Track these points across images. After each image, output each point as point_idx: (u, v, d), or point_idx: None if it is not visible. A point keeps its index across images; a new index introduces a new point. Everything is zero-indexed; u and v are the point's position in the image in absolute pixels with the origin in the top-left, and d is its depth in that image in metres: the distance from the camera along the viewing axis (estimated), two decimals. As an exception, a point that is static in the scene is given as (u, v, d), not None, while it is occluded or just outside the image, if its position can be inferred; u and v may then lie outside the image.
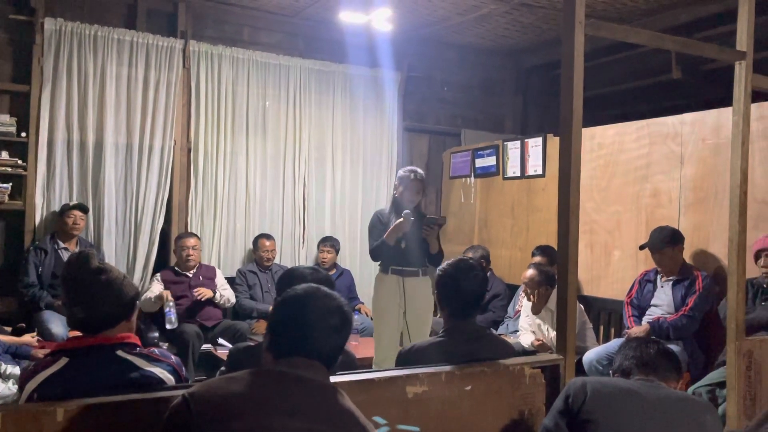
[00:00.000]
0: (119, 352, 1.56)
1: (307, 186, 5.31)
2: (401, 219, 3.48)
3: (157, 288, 4.37)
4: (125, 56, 4.65)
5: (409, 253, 3.52)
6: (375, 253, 3.59)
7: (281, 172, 5.22)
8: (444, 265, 2.31)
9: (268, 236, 4.97)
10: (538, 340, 3.95)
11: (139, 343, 1.61)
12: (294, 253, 5.28)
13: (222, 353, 3.88)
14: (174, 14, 4.85)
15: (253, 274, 4.86)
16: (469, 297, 2.22)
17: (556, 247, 2.61)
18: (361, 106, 5.52)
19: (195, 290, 4.41)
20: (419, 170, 3.66)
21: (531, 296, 3.99)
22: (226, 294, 4.57)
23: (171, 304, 4.14)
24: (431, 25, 5.34)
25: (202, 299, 4.38)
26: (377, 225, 3.64)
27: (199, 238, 4.66)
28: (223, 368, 2.15)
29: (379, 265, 3.74)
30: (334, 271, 5.12)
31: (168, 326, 4.08)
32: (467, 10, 4.98)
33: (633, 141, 4.27)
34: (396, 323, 3.52)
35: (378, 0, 4.70)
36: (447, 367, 2.00)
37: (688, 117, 3.99)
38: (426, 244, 3.55)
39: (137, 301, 1.66)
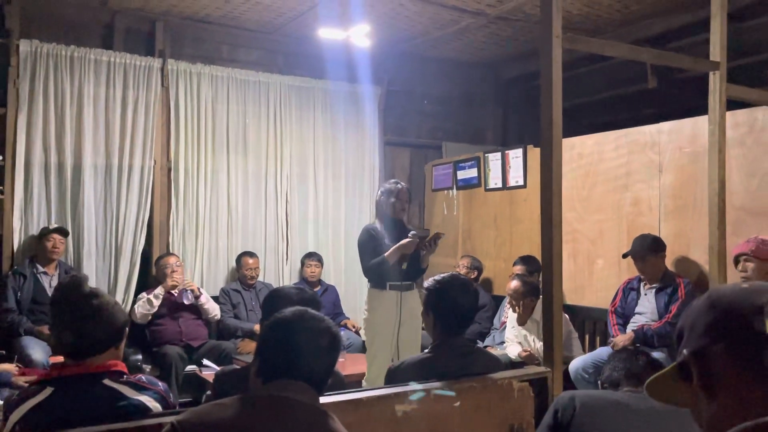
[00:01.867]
0: (106, 381, 1.53)
1: (290, 202, 5.30)
2: (408, 240, 3.49)
3: (153, 293, 4.39)
4: (103, 76, 4.62)
5: (407, 268, 3.53)
6: (373, 272, 3.58)
7: (263, 188, 5.21)
8: (436, 280, 2.30)
9: (251, 254, 4.95)
10: (524, 350, 3.95)
11: (125, 370, 1.58)
12: (278, 269, 5.25)
13: (207, 374, 3.84)
14: (151, 33, 4.84)
15: (237, 292, 4.83)
16: (464, 313, 2.23)
17: (539, 257, 2.63)
18: (342, 122, 5.51)
19: (185, 282, 4.43)
20: (402, 182, 3.75)
21: (516, 307, 4.01)
22: (211, 305, 4.55)
23: (184, 282, 4.41)
24: (410, 39, 5.38)
25: (189, 289, 4.41)
26: (369, 242, 3.63)
27: (179, 258, 4.64)
28: (209, 392, 2.14)
29: (370, 281, 3.74)
30: (318, 287, 5.12)
31: (186, 302, 4.37)
32: (445, 25, 5.02)
33: (612, 150, 4.31)
34: (392, 339, 3.52)
35: (356, 16, 4.73)
36: (436, 384, 2.00)
37: (665, 126, 4.04)
38: (419, 259, 3.58)
39: (127, 328, 1.64)
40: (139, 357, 4.18)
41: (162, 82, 4.84)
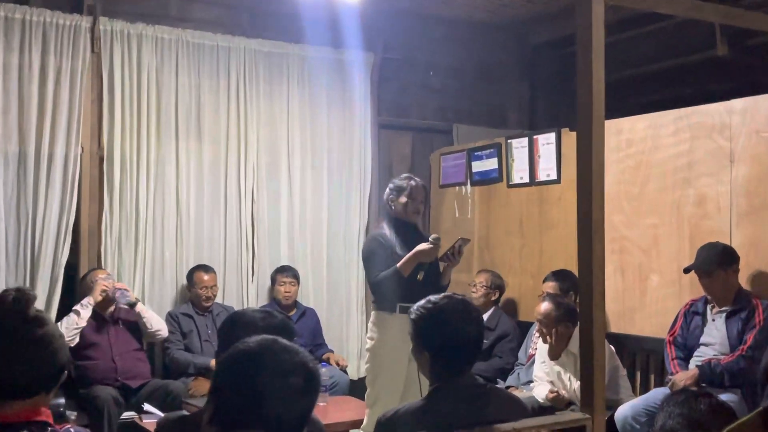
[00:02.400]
0: (26, 435, 1.49)
1: (257, 201, 5.31)
2: (427, 245, 3.65)
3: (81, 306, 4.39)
4: (15, 39, 4.59)
5: (424, 285, 3.59)
6: (382, 286, 3.70)
7: (222, 184, 5.23)
8: (424, 305, 2.32)
9: (206, 268, 4.96)
10: (552, 391, 3.97)
11: (51, 420, 1.56)
12: (241, 288, 5.28)
13: (149, 423, 3.84)
14: (79, -16, 4.84)
15: (188, 317, 4.84)
16: (466, 346, 2.24)
17: (576, 272, 2.63)
18: (324, 98, 5.55)
19: (116, 284, 4.48)
20: (417, 177, 3.89)
21: (547, 337, 4.01)
22: (153, 317, 4.59)
23: (115, 285, 4.47)
24: (411, -7, 5.42)
25: (124, 290, 4.43)
26: (378, 251, 3.76)
27: (111, 276, 4.65)
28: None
29: (375, 302, 3.84)
30: (294, 311, 5.12)
31: (122, 304, 4.45)
32: (456, -26, 5.07)
33: (670, 135, 4.31)
34: (402, 378, 3.58)
35: (342, -38, 4.76)
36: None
37: (737, 104, 4.04)
38: (439, 274, 3.72)
39: (67, 371, 1.62)
40: (62, 401, 4.15)
41: (92, 47, 4.83)
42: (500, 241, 5.35)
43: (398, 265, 3.66)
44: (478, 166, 5.48)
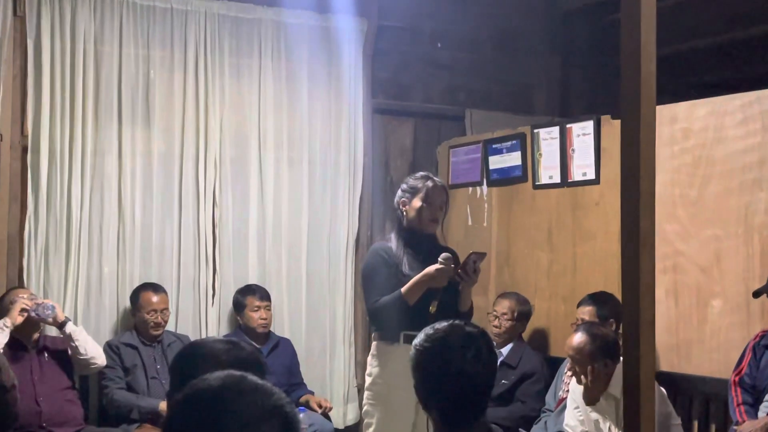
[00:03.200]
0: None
1: (220, 205, 5.33)
2: (437, 267, 3.67)
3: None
4: None
5: (441, 313, 3.63)
6: (382, 315, 3.77)
7: (176, 183, 5.24)
8: (423, 336, 2.35)
9: (155, 288, 4.96)
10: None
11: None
12: (198, 314, 5.29)
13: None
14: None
15: (132, 349, 4.83)
16: (470, 390, 2.26)
17: (618, 296, 2.60)
18: (305, 76, 5.55)
19: (33, 300, 4.45)
20: (436, 177, 3.96)
21: (581, 377, 4.00)
22: (87, 342, 4.57)
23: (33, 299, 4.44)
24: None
25: (43, 311, 4.41)
26: (380, 269, 3.81)
27: (35, 296, 4.63)
28: None
29: (375, 330, 3.92)
30: (265, 342, 5.13)
31: (45, 315, 4.40)
32: None
33: (738, 125, 4.29)
34: (408, 424, 3.65)
35: None
36: None
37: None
38: (456, 297, 3.77)
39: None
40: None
41: (14, 10, 4.83)
42: (524, 257, 5.33)
43: (402, 290, 3.71)
44: (496, 162, 5.47)
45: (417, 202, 3.87)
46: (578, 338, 3.98)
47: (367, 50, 5.75)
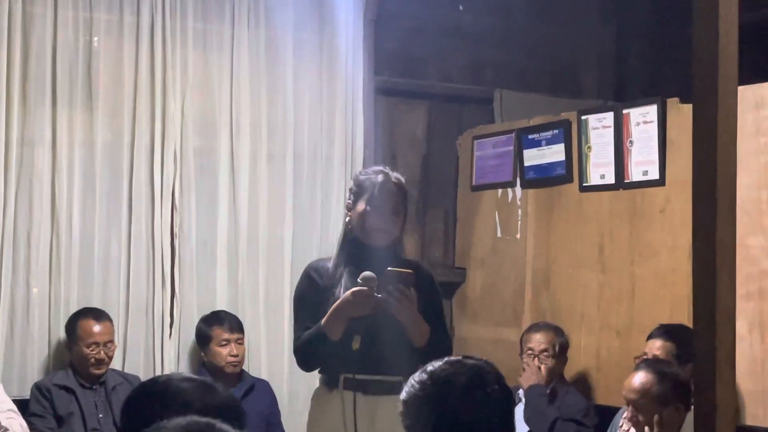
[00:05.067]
0: None
1: (181, 209, 5.36)
2: (355, 290, 3.64)
3: None
4: None
5: (377, 349, 3.71)
6: (306, 355, 3.83)
7: (125, 180, 5.26)
8: (420, 375, 2.37)
9: (97, 314, 4.96)
10: None
11: None
12: (152, 348, 5.29)
13: None
14: None
15: (67, 392, 4.82)
16: None
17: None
18: (290, 47, 5.59)
19: None
20: (393, 172, 3.91)
21: (645, 427, 3.94)
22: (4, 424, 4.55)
23: None
24: None
25: None
26: (309, 295, 3.84)
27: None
28: None
29: (320, 371, 3.95)
30: (238, 384, 5.13)
31: None
32: None
33: (840, 111, 4.31)
34: None
35: None
36: None
37: None
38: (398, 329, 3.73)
39: None
40: None
41: None
42: (567, 278, 5.34)
43: (322, 322, 3.68)
44: (533, 157, 5.48)
45: (361, 205, 3.81)
46: (642, 377, 3.95)
47: (368, 14, 5.75)
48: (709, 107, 2.39)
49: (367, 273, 3.65)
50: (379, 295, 3.66)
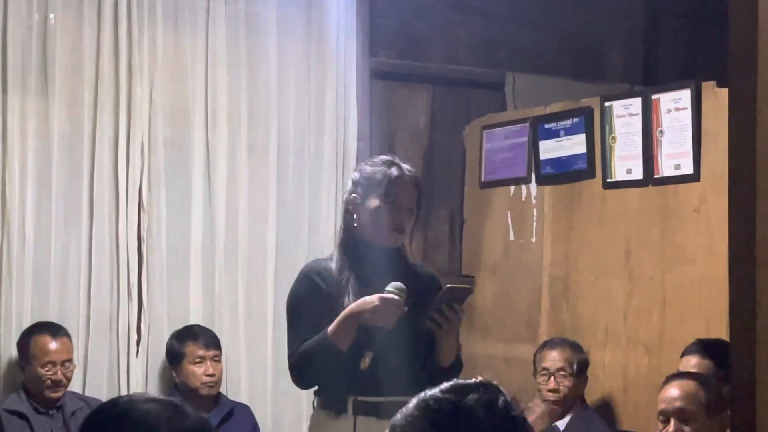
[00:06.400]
0: None
1: (149, 209, 5.37)
2: (382, 295, 3.63)
3: None
4: None
5: (392, 368, 3.69)
6: (306, 369, 3.75)
7: (86, 176, 5.27)
8: (422, 400, 2.32)
9: (54, 330, 4.95)
10: None
11: None
12: (117, 368, 5.29)
13: None
14: None
15: (20, 418, 4.82)
16: None
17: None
18: (273, 24, 5.60)
19: None
20: (404, 163, 3.91)
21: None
22: None
23: None
24: None
25: None
26: (310, 300, 3.79)
27: None
28: None
29: (317, 393, 3.91)
30: (214, 408, 5.15)
31: None
32: None
33: None
34: None
35: None
36: None
37: None
38: (426, 348, 3.73)
39: None
40: None
41: None
42: (589, 287, 5.33)
43: (329, 329, 3.65)
44: (550, 149, 5.48)
45: (374, 201, 3.83)
46: (684, 384, 3.96)
47: (361, -13, 5.78)
48: (746, 91, 2.40)
49: (397, 283, 3.67)
50: (432, 314, 3.70)
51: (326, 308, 3.71)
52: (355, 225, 3.87)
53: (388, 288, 3.66)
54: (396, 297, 3.63)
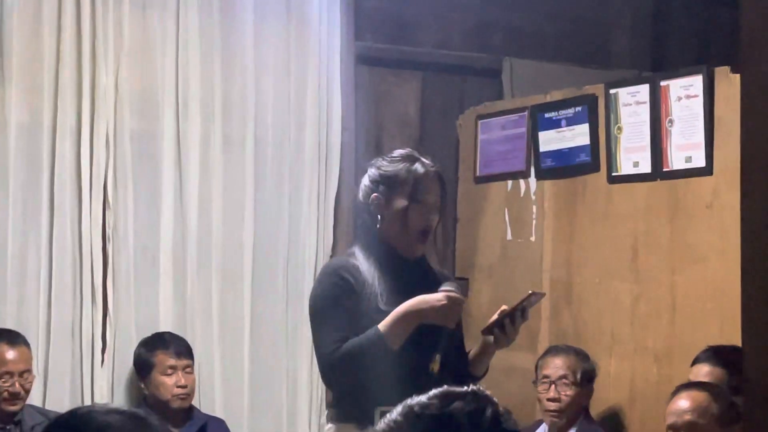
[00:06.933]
0: None
1: (115, 206, 5.37)
2: (440, 296, 3.73)
3: None
4: None
5: (450, 375, 3.73)
6: (349, 368, 3.77)
7: (46, 170, 5.27)
8: (408, 407, 2.35)
9: (11, 338, 4.94)
10: None
11: None
12: (80, 379, 5.28)
13: None
14: None
15: (-26, 435, 4.83)
16: None
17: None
18: (250, 5, 5.63)
19: None
20: (424, 157, 4.00)
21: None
22: None
23: None
24: None
25: None
26: (342, 299, 3.83)
27: None
28: None
29: (333, 404, 4.07)
30: (185, 424, 5.16)
31: None
32: None
33: None
34: None
35: None
36: None
37: None
38: (456, 355, 3.89)
39: None
40: None
41: None
42: (594, 290, 5.35)
43: (381, 326, 3.70)
44: (551, 141, 5.50)
45: (400, 201, 3.87)
46: (694, 395, 4.00)
47: (345, -35, 5.79)
48: (759, 77, 2.39)
49: (452, 282, 3.85)
50: (506, 320, 3.86)
51: (358, 307, 3.79)
52: (378, 226, 3.93)
53: (446, 287, 3.79)
54: (460, 296, 3.79)
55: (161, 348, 5.15)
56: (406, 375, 3.65)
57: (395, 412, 2.35)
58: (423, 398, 2.31)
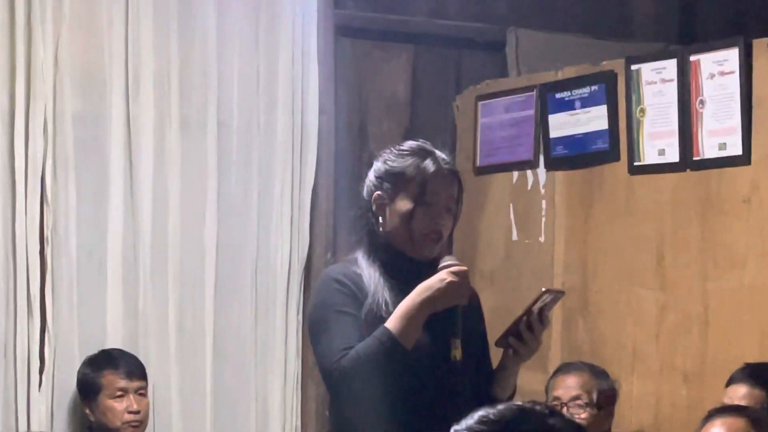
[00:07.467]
0: None
1: (54, 203, 5.32)
2: (454, 269, 3.71)
3: None
4: None
5: (434, 402, 3.75)
6: (362, 375, 3.70)
7: None
8: (475, 422, 2.22)
9: None
10: None
11: None
12: (14, 403, 5.22)
13: None
14: None
15: None
16: None
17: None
18: None
19: None
20: (439, 151, 3.98)
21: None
22: None
23: None
24: None
25: None
26: (348, 304, 3.79)
27: None
28: None
29: (332, 421, 4.09)
30: None
31: None
32: None
33: None
34: None
35: None
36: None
37: None
38: (471, 375, 3.84)
39: None
40: None
41: None
42: (613, 297, 5.30)
43: (389, 324, 3.63)
44: (563, 125, 5.44)
45: (404, 203, 3.78)
46: (731, 422, 3.81)
47: None
48: None
49: (450, 259, 3.78)
50: (525, 320, 3.80)
51: (356, 315, 3.75)
52: (381, 229, 3.89)
53: (447, 261, 3.76)
54: (463, 267, 3.77)
55: (109, 367, 5.07)
56: (428, 371, 3.70)
57: (471, 423, 2.21)
58: (497, 410, 2.21)
